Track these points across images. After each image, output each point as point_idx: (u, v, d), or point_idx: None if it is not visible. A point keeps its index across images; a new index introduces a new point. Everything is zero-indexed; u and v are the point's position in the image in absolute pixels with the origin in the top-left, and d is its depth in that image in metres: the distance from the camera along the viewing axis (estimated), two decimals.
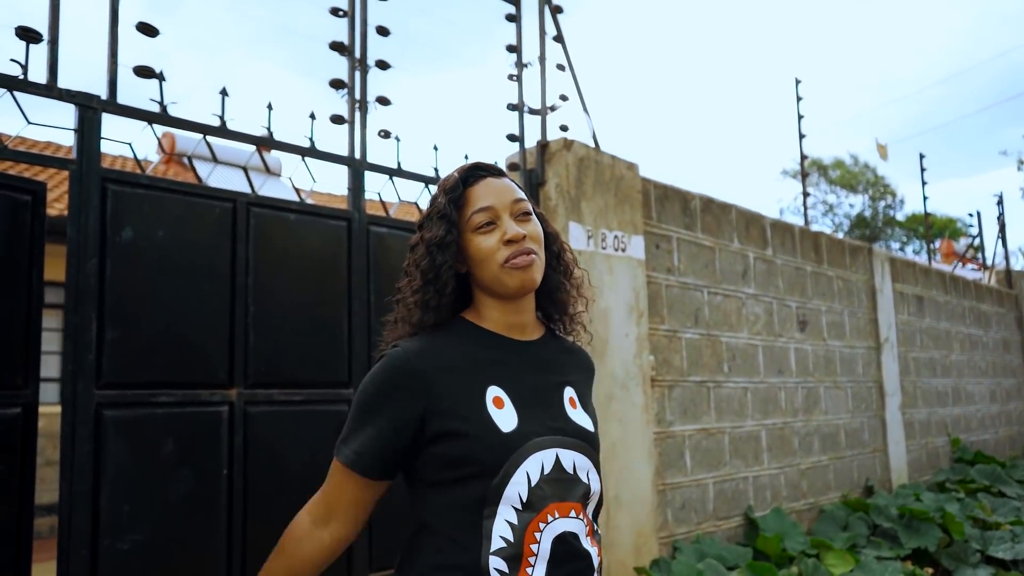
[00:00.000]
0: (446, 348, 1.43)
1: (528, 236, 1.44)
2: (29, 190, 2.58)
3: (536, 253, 1.44)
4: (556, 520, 1.37)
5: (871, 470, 6.72)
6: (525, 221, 1.46)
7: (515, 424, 1.38)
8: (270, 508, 2.93)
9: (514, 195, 1.47)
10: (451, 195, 1.46)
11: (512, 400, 1.41)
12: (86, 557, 2.51)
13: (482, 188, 1.46)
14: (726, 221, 5.39)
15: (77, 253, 2.58)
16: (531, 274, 1.43)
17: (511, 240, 1.42)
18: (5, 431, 2.45)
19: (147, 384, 2.71)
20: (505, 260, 1.41)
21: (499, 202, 1.44)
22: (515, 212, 1.45)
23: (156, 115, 2.82)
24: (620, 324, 4.23)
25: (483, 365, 1.43)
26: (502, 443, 1.35)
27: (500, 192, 1.46)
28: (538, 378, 1.48)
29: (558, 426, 1.43)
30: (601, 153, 4.36)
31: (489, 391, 1.40)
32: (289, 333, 3.07)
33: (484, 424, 1.36)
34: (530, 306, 1.53)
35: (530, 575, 1.33)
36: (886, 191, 34.82)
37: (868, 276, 7.10)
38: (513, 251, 1.42)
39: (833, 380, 6.35)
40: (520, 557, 1.33)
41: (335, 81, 3.38)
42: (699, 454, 4.81)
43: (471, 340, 1.47)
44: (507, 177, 1.52)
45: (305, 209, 3.19)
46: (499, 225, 1.44)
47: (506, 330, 1.50)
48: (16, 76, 2.51)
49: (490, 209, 1.44)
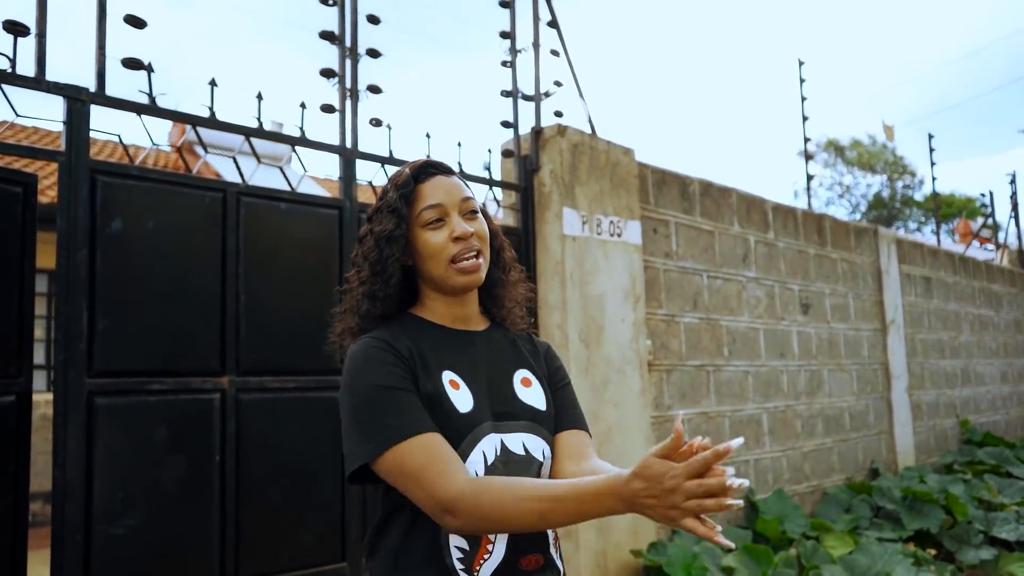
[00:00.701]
0: (401, 335, 1.46)
1: (475, 234, 1.47)
2: (20, 182, 2.63)
3: (482, 252, 1.48)
4: None
5: (877, 452, 6.71)
6: (472, 219, 1.49)
7: (471, 406, 1.42)
8: (263, 493, 2.97)
9: (463, 193, 1.50)
10: (402, 191, 1.48)
11: (466, 383, 1.44)
12: (80, 543, 2.56)
13: (432, 185, 1.49)
14: (726, 205, 5.38)
15: (67, 244, 2.62)
16: (477, 275, 1.47)
17: (459, 237, 1.45)
18: (0, 419, 2.50)
19: (139, 372, 2.75)
20: (452, 258, 1.45)
21: (448, 200, 1.47)
22: (463, 210, 1.48)
23: (145, 106, 2.85)
24: (616, 309, 4.24)
25: (435, 353, 1.46)
26: (461, 423, 1.39)
27: (450, 190, 1.48)
28: (486, 365, 1.52)
29: (505, 410, 1.47)
30: (596, 139, 4.36)
31: (444, 374, 1.44)
32: (281, 321, 3.11)
33: (444, 404, 1.39)
34: (473, 299, 1.57)
35: (490, 551, 1.37)
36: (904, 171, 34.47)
37: (874, 258, 7.07)
38: (460, 249, 1.45)
39: (837, 363, 6.34)
40: (479, 536, 1.37)
41: (326, 70, 3.39)
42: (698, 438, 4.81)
43: (420, 332, 1.50)
44: (456, 176, 1.54)
45: (296, 198, 3.21)
46: (447, 222, 1.46)
47: (451, 322, 1.53)
48: (3, 69, 2.54)
49: (439, 206, 1.47)
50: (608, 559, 3.99)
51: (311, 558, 3.04)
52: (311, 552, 3.04)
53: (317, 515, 3.10)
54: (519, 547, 1.39)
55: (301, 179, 3.33)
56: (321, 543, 3.08)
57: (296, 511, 3.03)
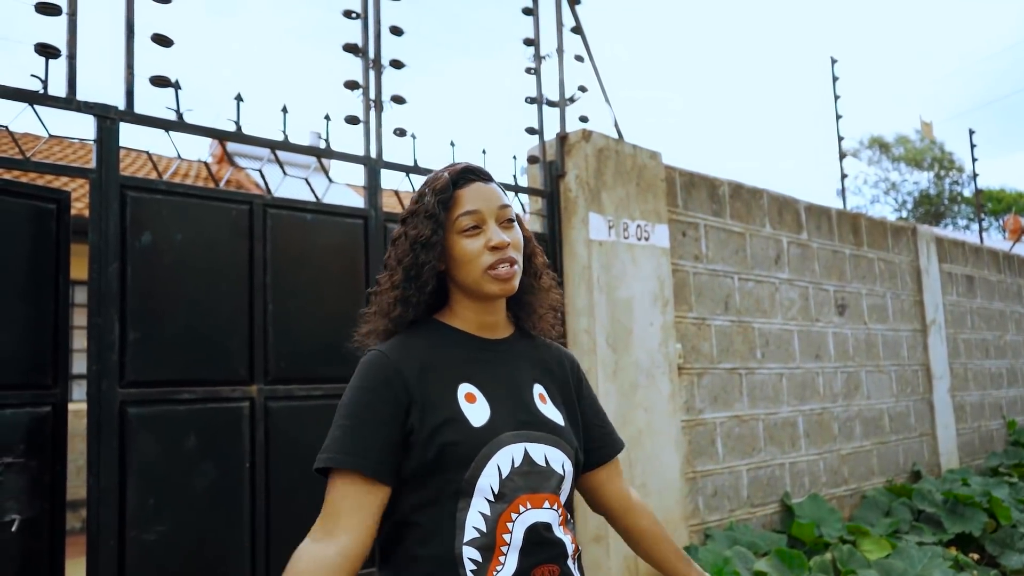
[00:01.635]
0: (420, 347, 1.48)
1: (511, 244, 1.47)
2: (54, 199, 2.71)
3: (517, 262, 1.48)
4: (528, 511, 1.41)
5: (918, 454, 6.60)
6: (509, 228, 1.49)
7: (486, 419, 1.42)
8: (292, 499, 3.03)
9: (500, 201, 1.49)
10: (440, 196, 1.48)
11: (484, 395, 1.45)
12: (114, 547, 2.64)
13: (471, 192, 1.48)
14: (757, 206, 5.34)
15: (99, 258, 2.70)
16: (511, 284, 1.47)
17: (496, 247, 1.45)
18: (36, 429, 2.58)
19: (169, 382, 2.82)
20: (488, 266, 1.45)
21: (486, 207, 1.46)
22: (500, 218, 1.48)
23: (173, 123, 2.93)
24: (644, 313, 4.24)
25: (455, 363, 1.47)
26: (474, 437, 1.39)
27: (488, 197, 1.48)
28: (508, 375, 1.52)
29: (527, 419, 1.47)
30: (622, 143, 4.36)
31: (461, 387, 1.44)
32: (308, 330, 3.16)
33: (457, 419, 1.40)
34: (502, 306, 1.57)
35: (503, 563, 1.37)
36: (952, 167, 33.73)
37: (912, 257, 6.96)
38: (497, 258, 1.45)
39: (876, 364, 6.25)
40: (493, 547, 1.37)
41: (350, 82, 3.45)
42: (731, 441, 4.79)
43: (443, 340, 1.51)
44: (495, 183, 1.54)
45: (321, 208, 3.27)
46: (484, 230, 1.46)
47: (477, 329, 1.53)
48: (36, 91, 2.63)
49: (477, 213, 1.46)
50: (640, 564, 3.99)
51: None
52: None
53: None
54: (532, 558, 1.38)
55: (328, 188, 3.39)
56: None
57: None
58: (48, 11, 2.68)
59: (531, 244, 1.64)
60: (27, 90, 2.62)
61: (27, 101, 2.62)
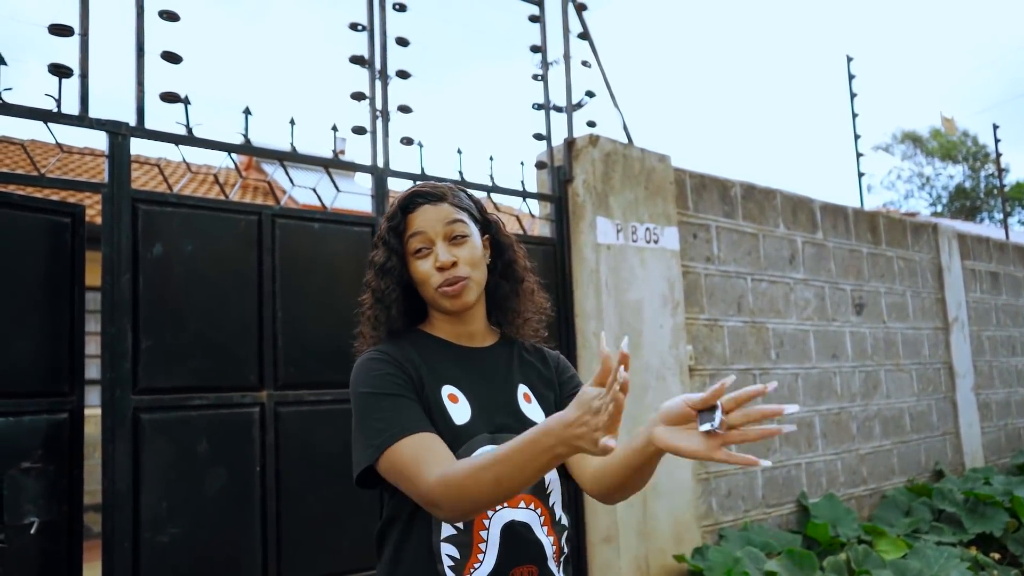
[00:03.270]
0: (407, 347, 1.55)
1: (460, 261, 1.52)
2: (69, 213, 2.81)
3: (468, 277, 1.52)
4: (503, 510, 1.46)
5: (941, 454, 6.55)
6: (459, 243, 1.54)
7: (467, 418, 1.48)
8: (302, 502, 3.10)
9: (447, 219, 1.53)
10: (391, 223, 1.56)
11: (465, 397, 1.51)
12: (128, 549, 2.73)
13: (418, 215, 1.54)
14: (770, 207, 5.34)
15: (111, 269, 2.79)
16: (462, 299, 1.52)
17: (440, 267, 1.51)
18: (53, 435, 2.68)
19: (181, 389, 2.91)
20: (437, 286, 1.51)
21: (431, 228, 1.52)
22: (448, 236, 1.53)
23: (182, 137, 3.02)
24: (654, 315, 4.27)
25: (439, 366, 1.54)
26: (454, 435, 1.45)
27: (433, 218, 1.53)
28: (489, 379, 1.57)
29: (505, 422, 1.52)
30: (630, 147, 4.40)
31: (444, 388, 1.51)
32: (317, 336, 3.24)
33: (441, 415, 1.47)
34: (477, 316, 1.62)
35: (481, 560, 1.42)
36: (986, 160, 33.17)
37: (933, 254, 6.90)
38: (444, 278, 1.51)
39: (895, 363, 6.21)
40: (470, 544, 1.43)
41: (356, 94, 3.52)
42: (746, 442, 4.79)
43: (426, 347, 1.57)
44: (447, 201, 1.57)
45: (328, 218, 3.35)
46: (433, 250, 1.53)
47: (456, 338, 1.60)
48: (50, 110, 2.73)
49: (423, 235, 1.52)
50: (650, 564, 4.02)
51: (350, 564, 3.15)
52: (349, 558, 3.15)
53: (355, 521, 3.21)
54: (511, 558, 1.43)
55: (336, 197, 3.46)
56: (359, 549, 3.19)
57: (335, 518, 3.15)
58: (61, 32, 2.78)
59: (511, 250, 1.68)
60: (41, 109, 2.72)
61: (42, 119, 2.73)
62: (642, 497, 4.03)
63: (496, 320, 1.69)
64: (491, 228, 1.66)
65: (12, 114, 2.67)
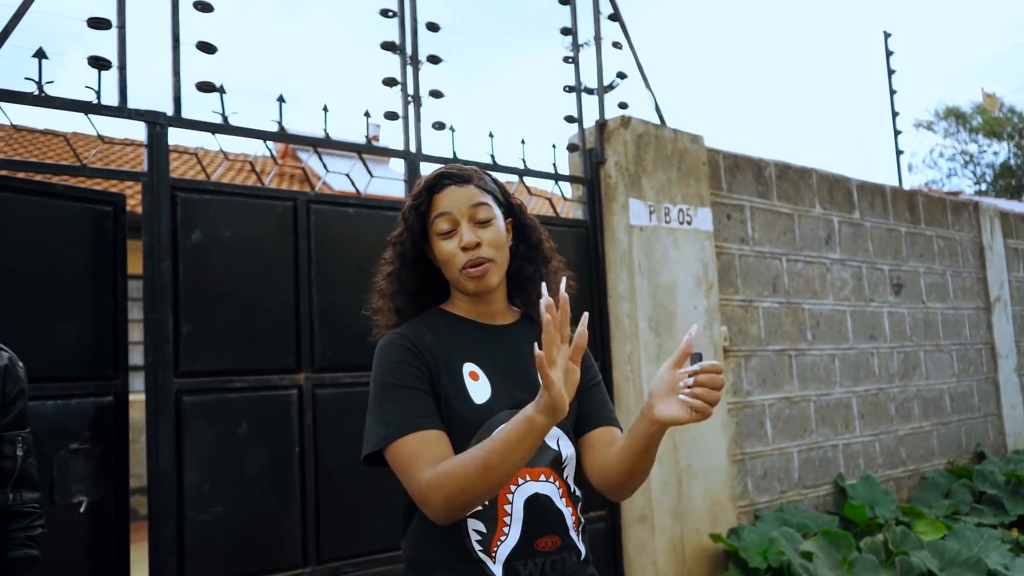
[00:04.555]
0: (426, 332, 1.58)
1: (484, 243, 1.54)
2: (110, 202, 2.89)
3: (492, 259, 1.55)
4: (527, 483, 1.49)
5: (983, 435, 6.47)
6: (484, 226, 1.55)
7: (488, 396, 1.51)
8: (340, 482, 3.17)
9: (472, 201, 1.55)
10: (416, 203, 1.59)
11: (486, 375, 1.54)
12: (173, 528, 2.81)
13: (444, 196, 1.56)
14: (806, 186, 5.29)
15: (152, 256, 2.87)
16: (485, 280, 1.54)
17: (465, 247, 1.53)
18: (100, 418, 2.77)
19: (221, 372, 2.98)
20: (461, 266, 1.54)
21: (457, 209, 1.54)
22: (473, 218, 1.55)
23: (218, 126, 3.08)
24: (687, 297, 4.27)
25: (460, 345, 1.57)
26: (475, 413, 1.49)
27: (460, 199, 1.55)
28: (509, 356, 1.60)
29: (525, 399, 1.55)
30: (662, 128, 4.38)
31: (465, 366, 1.54)
32: (352, 320, 3.27)
33: (461, 395, 1.50)
34: (499, 297, 1.65)
35: (507, 534, 1.47)
36: None
37: (975, 233, 6.79)
38: (468, 259, 1.53)
39: (935, 343, 6.14)
40: (496, 518, 1.47)
41: (387, 79, 3.56)
42: (781, 423, 4.79)
43: (447, 326, 1.60)
44: (473, 184, 1.59)
45: (362, 203, 3.40)
46: (458, 231, 1.55)
47: (477, 317, 1.63)
48: (90, 101, 2.80)
49: (449, 215, 1.54)
50: (685, 544, 4.04)
51: (386, 542, 3.21)
52: (386, 536, 3.21)
53: (391, 502, 3.25)
54: (534, 529, 1.47)
55: (369, 183, 3.51)
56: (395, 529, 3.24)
57: (371, 498, 3.21)
58: (99, 25, 2.84)
59: (535, 232, 1.71)
60: (82, 101, 2.79)
61: (82, 111, 2.80)
62: (677, 478, 4.05)
63: (520, 301, 1.71)
64: (515, 211, 1.68)
65: (54, 106, 2.74)
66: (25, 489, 1.82)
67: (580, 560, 1.54)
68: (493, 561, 1.44)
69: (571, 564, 1.51)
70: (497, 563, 1.44)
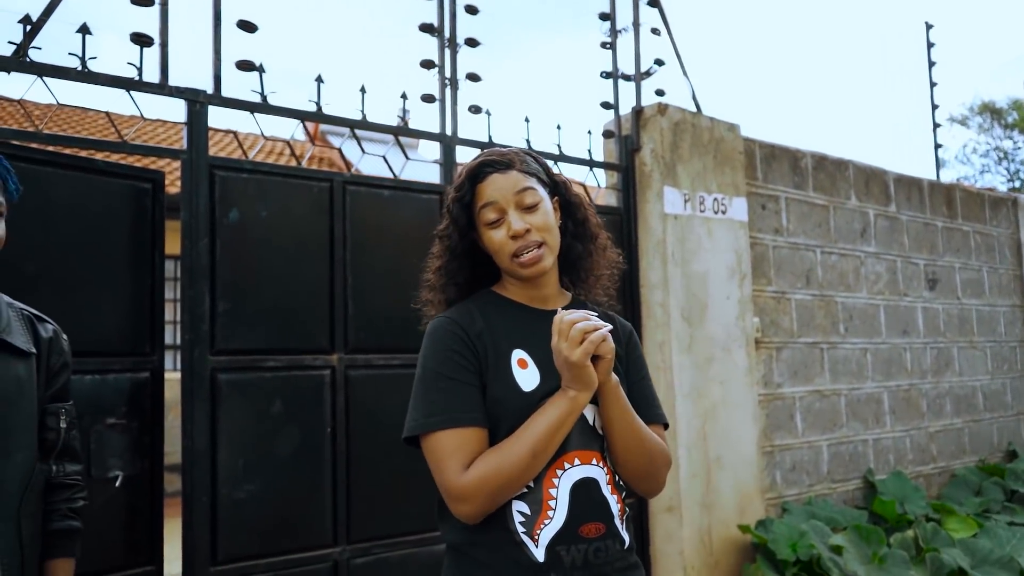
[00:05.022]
0: (477, 316, 1.56)
1: (533, 228, 1.52)
2: (149, 179, 2.90)
3: (544, 243, 1.53)
4: (575, 467, 1.48)
5: (1015, 434, 6.38)
6: (531, 211, 1.54)
7: (536, 383, 1.50)
8: (371, 463, 3.18)
9: (517, 187, 1.54)
10: (459, 194, 1.58)
11: (535, 361, 1.52)
12: (206, 504, 2.83)
13: (488, 185, 1.55)
14: (842, 178, 5.23)
15: (190, 234, 2.88)
16: (538, 267, 1.53)
17: (514, 235, 1.51)
18: (136, 393, 2.79)
19: (256, 351, 3.00)
20: (512, 254, 1.52)
21: (503, 197, 1.53)
22: (520, 204, 1.53)
23: (257, 105, 3.08)
24: (720, 287, 4.23)
25: (509, 330, 1.55)
26: (523, 400, 1.47)
27: (504, 187, 1.54)
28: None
29: None
30: (699, 116, 4.34)
31: (514, 353, 1.52)
32: (386, 302, 3.29)
33: (508, 382, 1.49)
34: (551, 280, 1.63)
35: (551, 517, 1.45)
36: None
37: (1013, 229, 6.68)
38: (519, 246, 1.52)
39: (969, 340, 6.05)
40: (541, 501, 1.45)
41: (425, 62, 3.54)
42: (811, 416, 4.75)
43: (498, 310, 1.59)
44: (515, 169, 1.57)
45: (398, 185, 3.39)
46: (505, 219, 1.53)
47: (528, 301, 1.61)
48: (132, 78, 2.81)
49: (495, 204, 1.53)
50: (713, 535, 4.02)
51: (417, 524, 3.22)
52: (416, 518, 3.22)
53: (421, 482, 3.26)
54: (580, 515, 1.45)
55: (405, 165, 3.50)
56: (425, 510, 3.25)
57: (402, 479, 3.21)
58: (142, 2, 2.85)
59: (582, 209, 1.69)
60: (124, 77, 2.80)
61: (124, 87, 2.81)
62: (706, 468, 4.03)
63: (569, 281, 1.70)
64: (560, 189, 1.66)
65: (97, 82, 2.75)
66: (68, 461, 1.83)
67: (624, 549, 1.53)
68: (536, 544, 1.43)
69: (615, 552, 1.50)
70: (539, 546, 1.43)
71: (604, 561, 1.47)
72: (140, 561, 2.75)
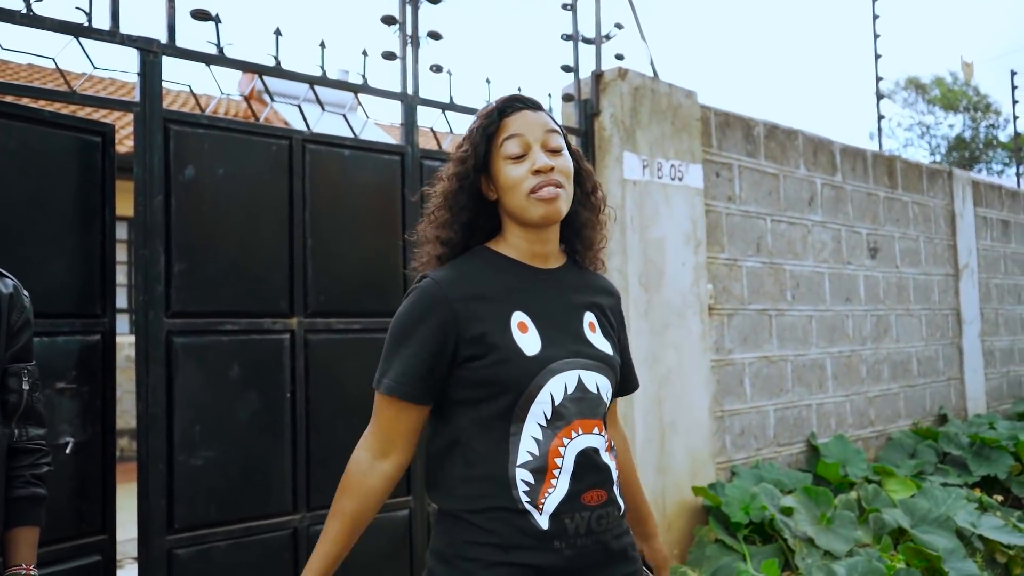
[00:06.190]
0: (473, 276, 1.50)
1: (556, 169, 1.47)
2: (99, 132, 2.76)
3: (563, 187, 1.48)
4: (580, 436, 1.45)
5: (946, 399, 6.62)
6: (556, 155, 1.50)
7: (539, 348, 1.45)
8: (331, 427, 3.11)
9: (547, 127, 1.50)
10: (485, 122, 1.51)
11: (536, 325, 1.48)
12: (163, 471, 2.74)
13: (517, 119, 1.50)
14: (792, 147, 5.29)
15: (144, 190, 2.75)
16: (555, 206, 1.47)
17: (539, 170, 1.46)
18: (87, 357, 2.67)
19: (213, 313, 2.89)
20: (531, 189, 1.46)
21: (531, 133, 1.48)
22: (547, 145, 1.49)
23: (214, 57, 2.95)
24: (676, 253, 4.25)
25: (508, 292, 1.50)
26: (526, 365, 1.43)
27: (533, 124, 1.49)
28: (559, 304, 1.54)
29: (579, 349, 1.50)
30: (658, 81, 4.32)
31: (514, 316, 1.47)
32: (346, 265, 3.21)
33: (509, 348, 1.43)
34: (554, 236, 1.58)
35: (555, 486, 1.41)
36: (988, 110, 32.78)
37: (947, 201, 6.87)
38: (540, 181, 1.46)
39: (906, 307, 6.23)
40: (545, 470, 1.41)
41: (386, 17, 3.44)
42: (759, 381, 4.83)
43: (496, 268, 1.53)
44: (545, 112, 1.54)
45: (359, 145, 3.29)
46: (529, 156, 1.48)
47: (529, 258, 1.55)
48: (81, 24, 2.65)
49: (521, 138, 1.47)
50: (666, 498, 4.07)
51: None
52: None
53: None
54: (582, 483, 1.43)
55: (365, 125, 3.40)
56: None
57: None
58: None
59: (591, 179, 1.65)
60: (72, 23, 2.64)
61: (72, 34, 2.65)
62: (661, 433, 4.07)
63: (571, 246, 1.66)
64: (575, 156, 1.62)
65: (43, 27, 2.59)
66: (31, 425, 1.74)
67: (620, 515, 1.52)
68: (540, 512, 1.40)
69: (614, 519, 1.48)
70: (543, 514, 1.40)
71: (605, 528, 1.45)
72: (92, 530, 2.65)
